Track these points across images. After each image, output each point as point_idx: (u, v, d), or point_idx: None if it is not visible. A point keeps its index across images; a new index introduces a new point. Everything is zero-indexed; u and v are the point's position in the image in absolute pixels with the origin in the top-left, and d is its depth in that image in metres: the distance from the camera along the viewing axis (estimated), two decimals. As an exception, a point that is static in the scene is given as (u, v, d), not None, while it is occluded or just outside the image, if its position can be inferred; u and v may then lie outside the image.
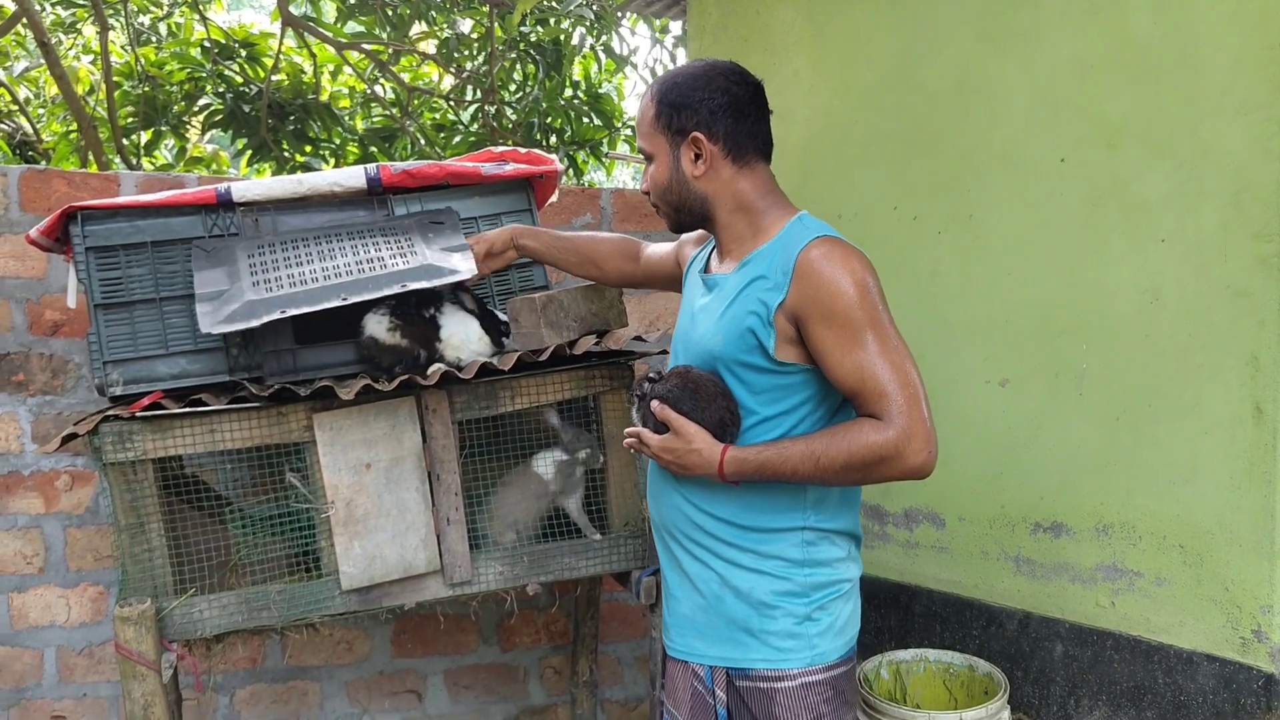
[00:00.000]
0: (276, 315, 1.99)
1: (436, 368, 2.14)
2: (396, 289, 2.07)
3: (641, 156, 1.85)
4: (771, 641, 1.73)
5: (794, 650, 1.72)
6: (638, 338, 2.30)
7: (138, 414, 2.02)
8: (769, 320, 1.65)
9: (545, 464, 2.28)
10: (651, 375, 1.80)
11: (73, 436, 2.07)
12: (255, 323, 1.98)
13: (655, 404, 1.74)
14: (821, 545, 1.75)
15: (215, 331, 1.99)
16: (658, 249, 2.20)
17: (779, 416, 1.71)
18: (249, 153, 5.91)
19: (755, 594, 1.73)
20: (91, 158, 5.62)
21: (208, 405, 2.05)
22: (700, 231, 1.99)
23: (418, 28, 6.63)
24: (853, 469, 1.60)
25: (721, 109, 1.72)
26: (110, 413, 2.02)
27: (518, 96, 6.60)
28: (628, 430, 1.82)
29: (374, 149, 6.24)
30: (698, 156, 1.74)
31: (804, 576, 1.73)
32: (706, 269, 1.88)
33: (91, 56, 6.88)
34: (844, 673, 1.78)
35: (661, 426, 1.74)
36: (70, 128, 6.32)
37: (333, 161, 6.22)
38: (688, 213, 1.80)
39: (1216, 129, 2.10)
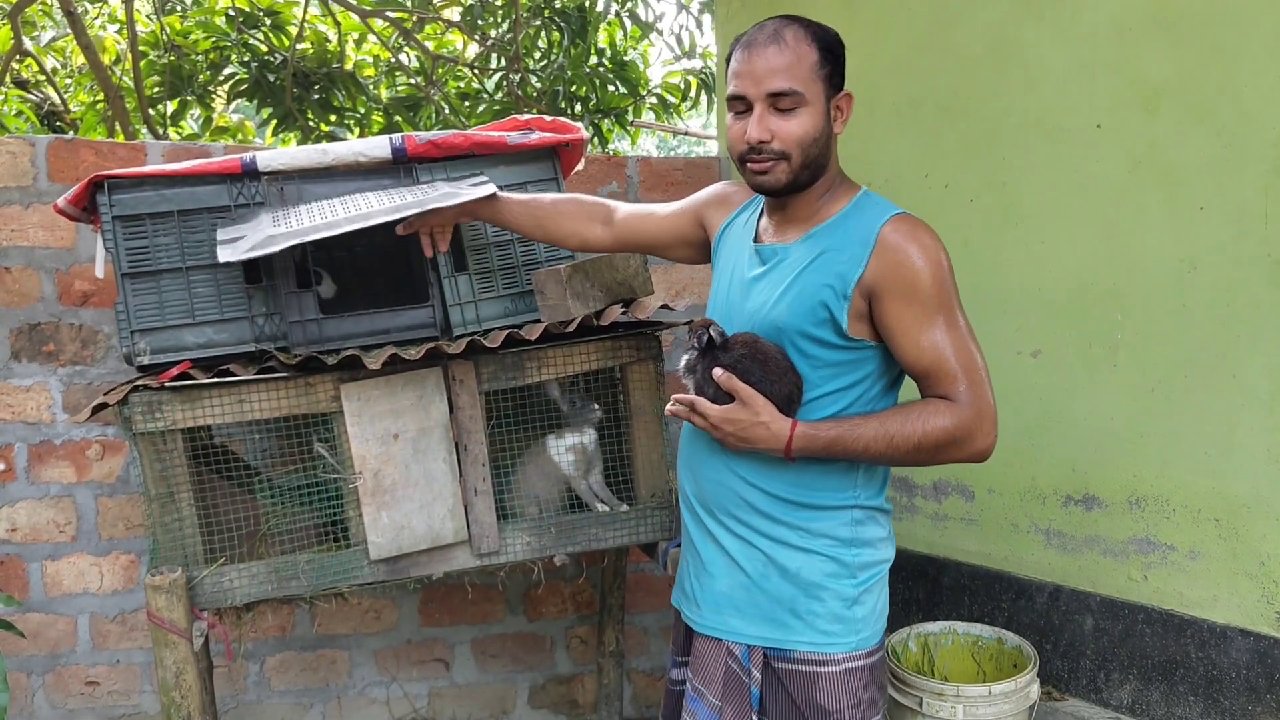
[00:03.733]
0: (294, 241, 1.95)
1: (461, 337, 2.14)
2: (415, 210, 2.02)
3: (739, 103, 1.65)
4: (817, 624, 1.69)
5: (839, 635, 1.69)
6: (664, 306, 2.29)
7: (167, 384, 2.02)
8: (845, 294, 1.61)
9: (559, 449, 2.27)
10: (715, 330, 1.69)
11: (103, 406, 2.08)
12: (274, 249, 1.94)
13: (720, 373, 1.63)
14: (868, 525, 1.72)
15: (234, 260, 1.95)
16: (647, 213, 2.04)
17: (837, 393, 1.67)
18: (274, 122, 5.91)
19: (804, 574, 1.69)
20: (118, 127, 5.63)
21: (236, 375, 2.05)
22: (722, 194, 1.93)
23: (441, -6, 6.59)
24: (924, 450, 1.58)
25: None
26: (140, 383, 2.03)
27: (542, 64, 6.54)
28: (677, 397, 1.69)
29: (399, 118, 6.21)
30: (837, 114, 1.69)
31: (852, 557, 1.70)
32: (757, 238, 1.79)
33: (117, 26, 6.88)
34: (881, 659, 1.77)
35: (721, 396, 1.65)
36: (97, 97, 6.33)
37: (358, 131, 6.20)
38: (810, 171, 1.67)
39: (1259, 93, 2.05)
